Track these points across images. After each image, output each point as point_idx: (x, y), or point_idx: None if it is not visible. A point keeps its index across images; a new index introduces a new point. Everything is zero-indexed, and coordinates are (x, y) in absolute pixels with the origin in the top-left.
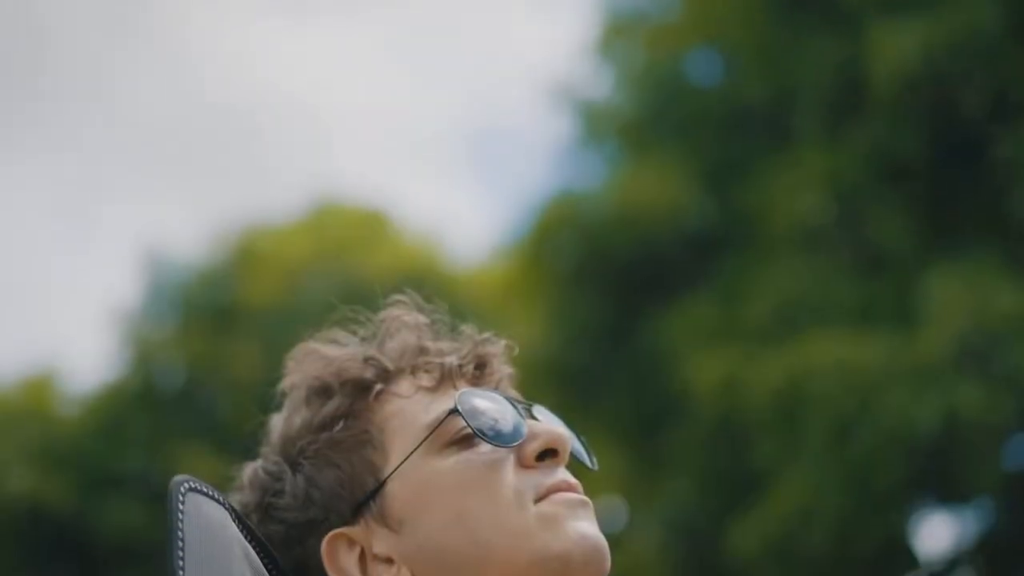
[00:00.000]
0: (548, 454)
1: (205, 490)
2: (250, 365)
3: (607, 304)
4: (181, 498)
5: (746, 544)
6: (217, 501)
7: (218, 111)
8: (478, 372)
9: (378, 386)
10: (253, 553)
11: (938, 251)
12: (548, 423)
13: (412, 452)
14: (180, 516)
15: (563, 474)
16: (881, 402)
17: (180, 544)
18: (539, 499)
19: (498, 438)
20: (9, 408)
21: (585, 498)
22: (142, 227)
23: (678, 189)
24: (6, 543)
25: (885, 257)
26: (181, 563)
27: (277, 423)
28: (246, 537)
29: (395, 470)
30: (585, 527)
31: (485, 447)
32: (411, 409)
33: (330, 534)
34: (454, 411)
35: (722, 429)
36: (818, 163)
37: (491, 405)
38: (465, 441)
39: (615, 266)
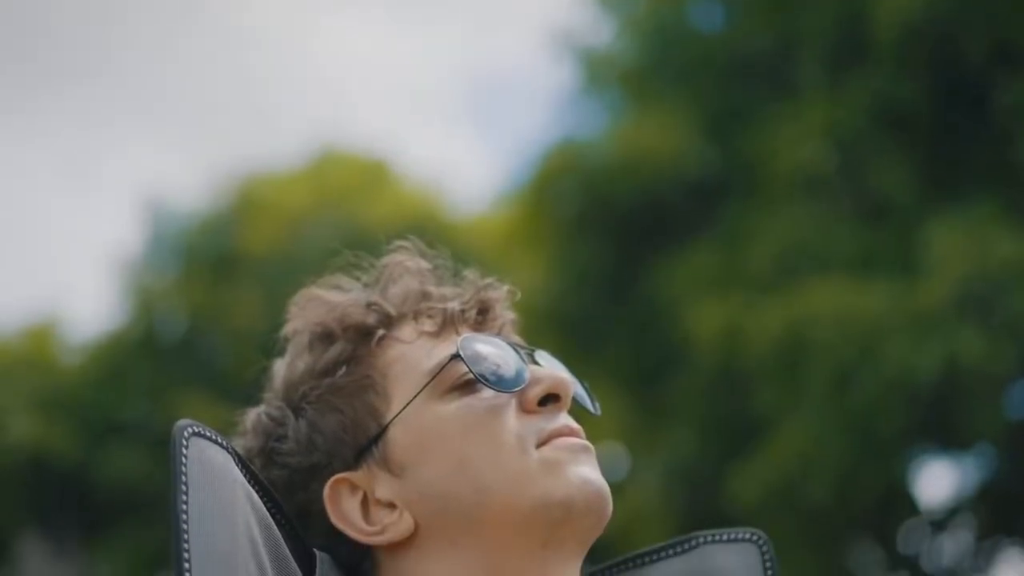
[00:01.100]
0: (550, 399)
1: (208, 434)
2: (251, 313)
3: (608, 252)
4: (185, 442)
5: (747, 491)
6: (220, 445)
7: (220, 60)
8: (480, 317)
9: (380, 331)
10: (256, 497)
11: (939, 199)
12: (550, 368)
13: (414, 398)
14: (184, 460)
15: (565, 419)
16: (882, 350)
17: (184, 488)
18: (541, 444)
19: (500, 383)
20: (11, 357)
21: (587, 443)
22: (143, 175)
23: (680, 137)
24: (9, 491)
25: (886, 205)
26: (185, 507)
27: (280, 369)
28: (249, 481)
29: (397, 415)
30: (587, 472)
31: (487, 392)
32: (413, 354)
33: (332, 479)
34: (456, 356)
35: (723, 377)
36: (820, 111)
37: (493, 350)
38: (467, 386)
39: (616, 214)
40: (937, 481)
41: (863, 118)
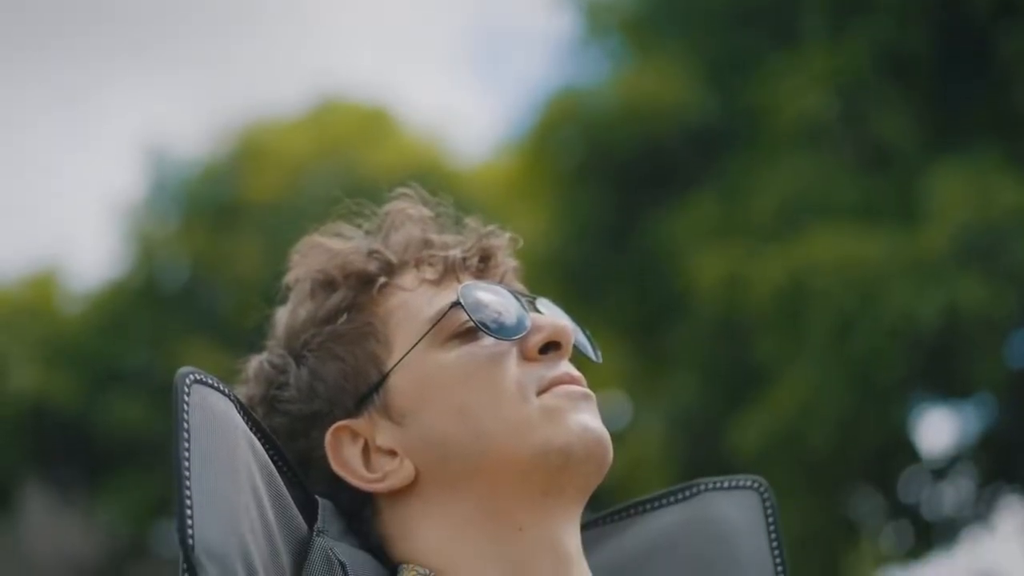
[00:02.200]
0: (551, 347)
1: (210, 382)
2: (253, 261)
3: (610, 201)
4: (187, 389)
5: (748, 440)
6: (222, 393)
7: (221, 8)
8: (482, 265)
9: (382, 279)
10: (258, 444)
11: (942, 147)
12: (552, 316)
13: (415, 345)
14: (185, 407)
15: (566, 367)
16: (883, 298)
17: (186, 435)
18: (541, 392)
19: (501, 331)
20: (12, 306)
21: (588, 391)
22: (144, 123)
23: (681, 86)
24: (11, 439)
25: (888, 153)
26: (187, 453)
27: (282, 316)
28: (251, 428)
29: (398, 363)
30: (587, 420)
31: (488, 340)
32: (414, 302)
33: (334, 426)
34: (456, 304)
35: (724, 325)
36: (822, 60)
37: (494, 298)
38: (468, 334)
39: (618, 163)
40: (938, 429)
41: (865, 66)
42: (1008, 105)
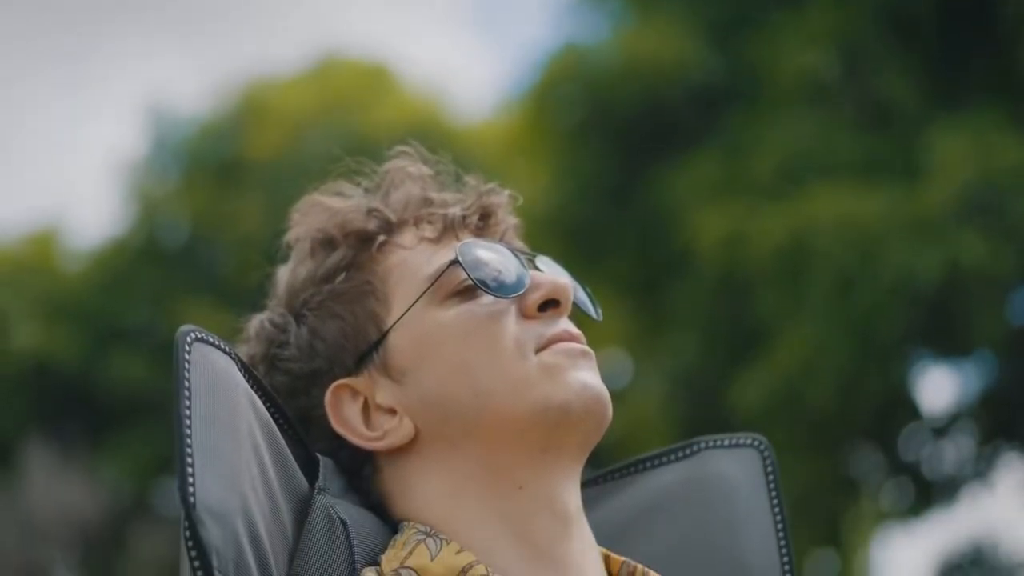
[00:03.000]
0: (550, 304)
1: (211, 340)
2: (254, 219)
3: (611, 159)
4: (188, 347)
5: (749, 398)
6: (223, 351)
7: None
8: (482, 223)
9: (381, 237)
10: (259, 402)
11: (943, 105)
12: (551, 273)
13: (414, 303)
14: (186, 365)
15: (565, 324)
16: (884, 256)
17: (187, 393)
18: (540, 349)
19: (500, 289)
20: (14, 263)
21: (587, 348)
22: (146, 80)
23: (683, 44)
24: (14, 396)
25: (890, 112)
26: (188, 411)
27: (282, 275)
28: (252, 386)
29: (397, 321)
30: (586, 377)
31: (487, 298)
32: (414, 260)
33: (334, 384)
34: (455, 262)
35: (726, 284)
36: (824, 18)
37: (493, 256)
38: (467, 292)
39: (619, 121)
40: (938, 387)
41: (867, 25)
42: (1009, 64)
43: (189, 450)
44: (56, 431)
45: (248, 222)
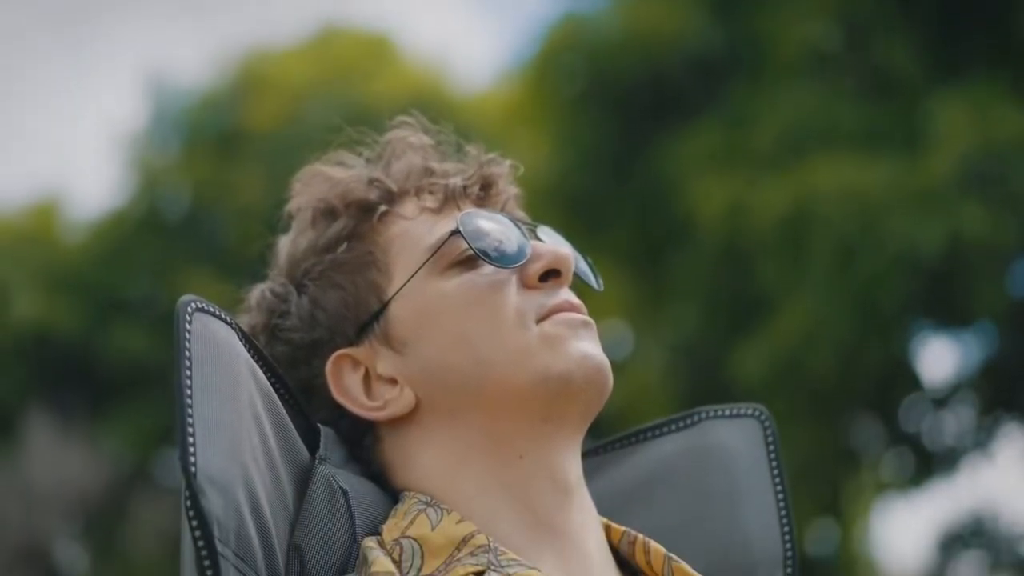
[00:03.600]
0: (551, 274)
1: (212, 310)
2: (255, 189)
3: (612, 129)
4: (188, 317)
5: (750, 368)
6: (224, 321)
7: None
8: (483, 193)
9: (382, 207)
10: (260, 372)
11: (945, 76)
12: (552, 244)
13: (414, 274)
14: (187, 335)
15: (566, 295)
16: (886, 226)
17: (187, 363)
18: (541, 319)
19: (501, 259)
20: (15, 234)
21: (588, 318)
22: (146, 51)
23: (685, 13)
24: (14, 367)
25: (892, 82)
26: (189, 381)
27: (283, 245)
28: (253, 356)
29: (398, 291)
30: (587, 347)
31: (488, 268)
32: (415, 230)
33: (335, 354)
34: (456, 232)
35: (727, 254)
36: None
37: (495, 226)
38: (468, 262)
39: (620, 91)
40: (939, 358)
41: None
42: (1011, 34)
43: (190, 420)
44: (57, 402)
45: (249, 192)
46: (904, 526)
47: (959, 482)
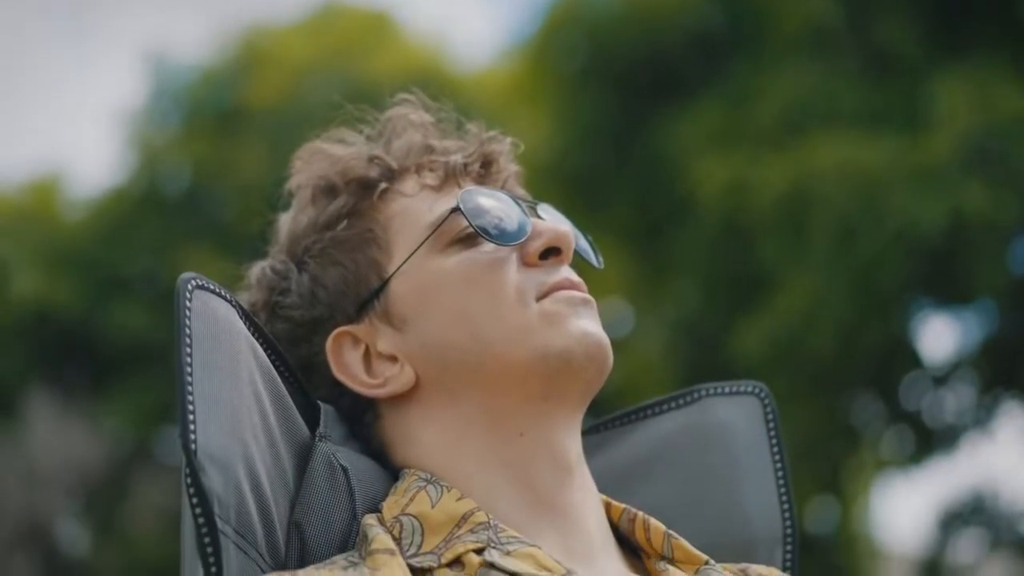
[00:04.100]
0: (552, 252)
1: (212, 287)
2: (255, 167)
3: (613, 106)
4: (189, 295)
5: (750, 345)
6: (224, 298)
7: None
8: (484, 170)
9: (383, 185)
10: (260, 350)
11: (946, 54)
12: (553, 221)
13: (415, 251)
14: (187, 313)
15: (566, 272)
16: (887, 204)
17: (188, 340)
18: (541, 297)
19: (501, 236)
20: (14, 212)
21: (588, 296)
22: (147, 28)
23: None
24: (14, 345)
25: (893, 60)
26: (189, 359)
27: (284, 223)
28: (253, 334)
29: (398, 269)
30: (587, 325)
31: (488, 246)
32: (415, 208)
33: (335, 332)
34: (456, 209)
35: (727, 232)
36: None
37: (495, 203)
38: (468, 240)
39: (621, 68)
40: (939, 335)
41: None
42: (1013, 13)
43: (190, 397)
44: (57, 380)
45: (249, 170)
46: (904, 504)
47: (959, 460)
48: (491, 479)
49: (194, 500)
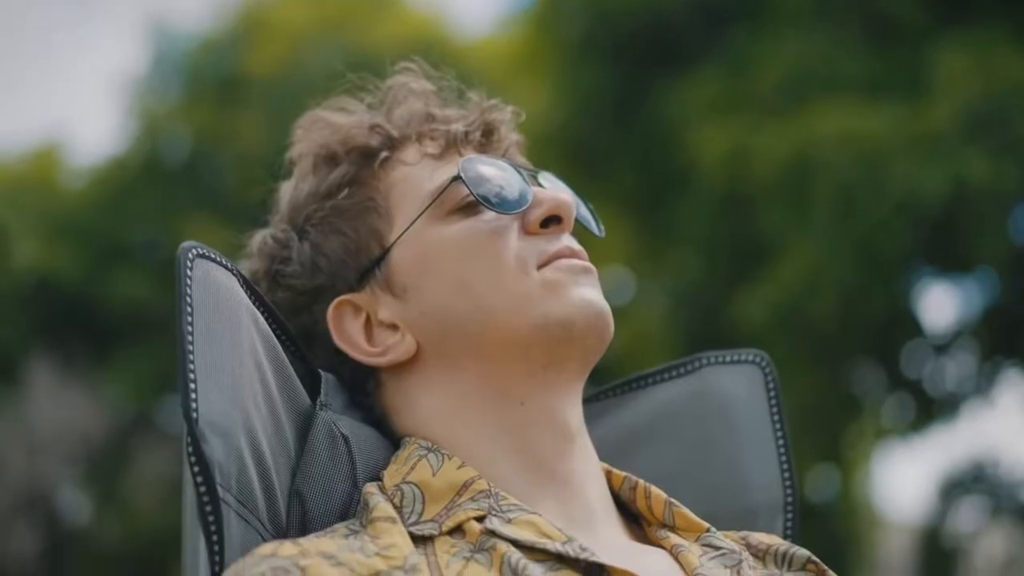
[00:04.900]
0: (552, 221)
1: (213, 256)
2: (256, 135)
3: (614, 74)
4: (189, 264)
5: (751, 314)
6: (225, 267)
7: None
8: (485, 139)
9: (384, 153)
10: (261, 318)
11: (948, 22)
12: (554, 190)
13: (416, 219)
14: (188, 281)
15: (567, 241)
16: (888, 172)
17: (189, 309)
18: (542, 265)
19: (502, 205)
20: (15, 181)
21: (588, 264)
22: None
23: None
24: (16, 314)
25: (895, 28)
26: (190, 327)
27: (285, 191)
28: (254, 303)
29: (399, 237)
30: (587, 293)
31: (489, 214)
32: (416, 176)
33: (336, 300)
34: (457, 178)
35: (729, 200)
36: None
37: (496, 172)
38: (469, 208)
39: (622, 36)
40: (941, 304)
41: None
42: None
43: (191, 366)
44: (58, 348)
45: (250, 138)
46: (905, 472)
47: (960, 428)
48: (492, 447)
49: (195, 468)
